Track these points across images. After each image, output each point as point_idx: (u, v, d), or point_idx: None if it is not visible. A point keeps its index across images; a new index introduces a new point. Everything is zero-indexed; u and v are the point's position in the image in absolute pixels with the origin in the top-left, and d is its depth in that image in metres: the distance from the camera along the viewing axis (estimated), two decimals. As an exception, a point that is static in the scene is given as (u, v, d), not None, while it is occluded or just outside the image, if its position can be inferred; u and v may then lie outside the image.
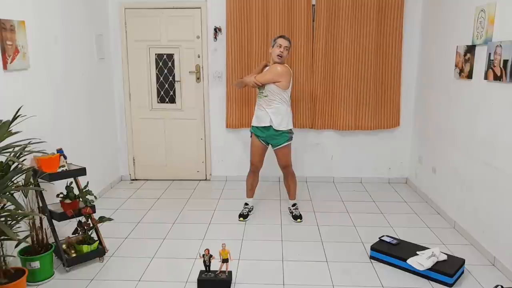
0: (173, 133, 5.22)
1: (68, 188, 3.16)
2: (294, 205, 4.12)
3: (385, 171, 5.24)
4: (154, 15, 4.95)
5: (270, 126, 3.83)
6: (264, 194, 4.75)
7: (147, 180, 5.33)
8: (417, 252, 3.11)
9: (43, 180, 3.08)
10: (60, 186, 3.39)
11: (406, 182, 5.24)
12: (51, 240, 3.12)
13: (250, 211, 4.14)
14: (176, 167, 5.30)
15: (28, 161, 3.08)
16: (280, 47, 3.75)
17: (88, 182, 3.34)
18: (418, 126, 4.92)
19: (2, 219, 2.55)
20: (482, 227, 3.39)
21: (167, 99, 5.16)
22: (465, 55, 3.68)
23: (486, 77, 3.32)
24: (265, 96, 3.82)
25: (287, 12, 4.79)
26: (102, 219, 3.21)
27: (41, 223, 3.00)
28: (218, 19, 4.90)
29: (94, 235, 3.30)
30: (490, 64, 3.24)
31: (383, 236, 3.46)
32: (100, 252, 3.22)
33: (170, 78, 5.11)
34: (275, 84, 3.75)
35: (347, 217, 4.11)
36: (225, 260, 2.87)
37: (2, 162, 2.68)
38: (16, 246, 2.89)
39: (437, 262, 2.98)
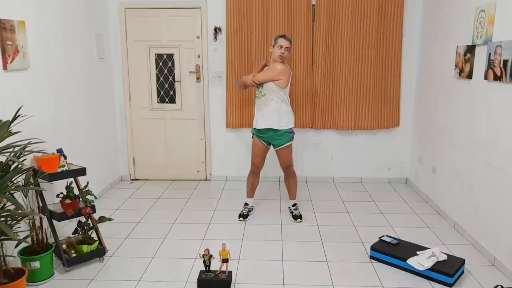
0: (173, 133, 5.22)
1: (68, 188, 3.16)
2: (294, 205, 4.12)
3: (385, 171, 5.24)
4: (154, 15, 4.95)
5: (270, 128, 3.83)
6: (264, 194, 4.75)
7: (147, 180, 5.33)
8: (417, 252, 3.11)
9: (43, 180, 3.08)
10: (60, 186, 3.39)
11: (406, 182, 5.24)
12: (51, 240, 3.12)
13: (250, 211, 4.13)
14: (176, 167, 5.30)
15: (28, 161, 3.08)
16: (281, 48, 3.74)
17: (88, 182, 3.34)
18: (418, 126, 4.92)
19: (2, 219, 2.55)
20: (482, 227, 3.39)
21: (167, 99, 5.16)
22: (465, 55, 3.68)
23: (486, 77, 3.32)
24: (263, 95, 3.81)
25: (287, 12, 4.79)
26: (102, 219, 3.21)
27: (41, 223, 3.00)
28: (218, 19, 4.90)
29: (94, 235, 3.30)
30: (490, 64, 3.24)
31: (383, 236, 3.46)
32: (100, 252, 3.22)
33: (170, 78, 5.11)
34: (274, 83, 3.75)
35: (347, 217, 4.11)
36: (225, 260, 2.87)
37: (2, 162, 2.68)
38: (16, 246, 2.89)
39: (437, 262, 2.98)
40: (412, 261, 3.02)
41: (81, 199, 3.21)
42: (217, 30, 4.91)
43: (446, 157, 4.10)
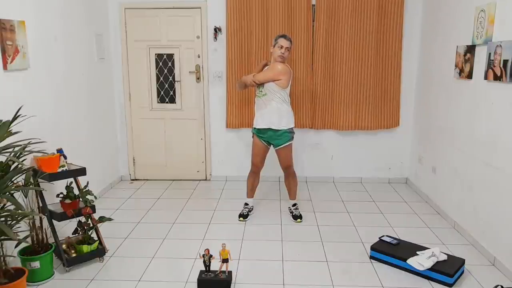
0: (173, 133, 5.22)
1: (68, 188, 3.16)
2: (294, 205, 4.12)
3: (385, 171, 5.24)
4: (154, 15, 4.95)
5: (270, 128, 3.83)
6: (264, 194, 4.75)
7: (147, 180, 5.32)
8: (417, 252, 3.11)
9: (43, 180, 3.08)
10: (60, 186, 3.39)
11: (406, 182, 5.24)
12: (51, 240, 3.12)
13: (250, 211, 4.13)
14: (176, 167, 5.30)
15: (28, 161, 3.08)
16: (281, 48, 3.74)
17: (88, 182, 3.34)
18: (418, 126, 4.92)
19: (2, 219, 2.55)
20: (482, 227, 3.39)
21: (167, 99, 5.16)
22: (465, 55, 3.68)
23: (486, 77, 3.32)
24: (264, 95, 3.81)
25: (287, 12, 4.79)
26: (102, 219, 3.21)
27: (41, 223, 3.00)
28: (218, 19, 4.90)
29: (94, 235, 3.30)
30: (490, 64, 3.24)
31: (383, 236, 3.46)
32: (100, 252, 3.22)
33: (170, 78, 5.11)
34: (275, 83, 3.75)
35: (347, 217, 4.11)
36: (225, 260, 2.87)
37: (2, 162, 2.68)
38: (16, 246, 2.89)
39: (437, 262, 2.98)
40: (412, 261, 3.02)
41: (81, 199, 3.21)
42: (217, 30, 4.91)
43: (446, 157, 4.10)
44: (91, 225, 3.20)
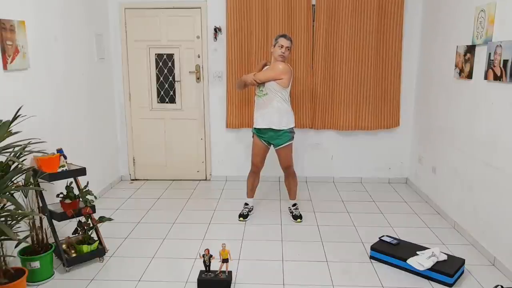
0: (173, 133, 5.22)
1: (68, 188, 3.16)
2: (294, 205, 4.12)
3: (385, 171, 5.24)
4: (154, 15, 4.95)
5: (270, 128, 3.83)
6: (264, 194, 4.75)
7: (147, 180, 5.33)
8: (417, 252, 3.11)
9: (43, 180, 3.08)
10: (60, 186, 3.39)
11: (406, 182, 5.24)
12: (51, 240, 3.12)
13: (250, 211, 4.13)
14: (176, 167, 5.30)
15: (28, 161, 3.08)
16: (281, 47, 3.74)
17: (88, 182, 3.34)
18: (418, 126, 4.92)
19: (2, 219, 2.55)
20: (482, 227, 3.39)
21: (167, 99, 5.16)
22: (465, 55, 3.68)
23: (486, 77, 3.32)
24: (264, 94, 3.81)
25: (287, 12, 4.79)
26: (102, 219, 3.21)
27: (41, 223, 3.00)
28: (218, 19, 4.90)
29: (94, 235, 3.30)
30: (490, 64, 3.24)
31: (383, 236, 3.46)
32: (100, 252, 3.22)
33: (170, 78, 5.11)
34: (276, 82, 3.74)
35: (347, 217, 4.11)
36: (225, 260, 2.87)
37: (2, 162, 2.68)
38: (16, 246, 2.89)
39: (437, 262, 2.98)
40: (412, 261, 3.02)
41: (81, 199, 3.21)
42: (217, 30, 4.91)
43: (446, 157, 4.10)
44: (91, 225, 3.20)
